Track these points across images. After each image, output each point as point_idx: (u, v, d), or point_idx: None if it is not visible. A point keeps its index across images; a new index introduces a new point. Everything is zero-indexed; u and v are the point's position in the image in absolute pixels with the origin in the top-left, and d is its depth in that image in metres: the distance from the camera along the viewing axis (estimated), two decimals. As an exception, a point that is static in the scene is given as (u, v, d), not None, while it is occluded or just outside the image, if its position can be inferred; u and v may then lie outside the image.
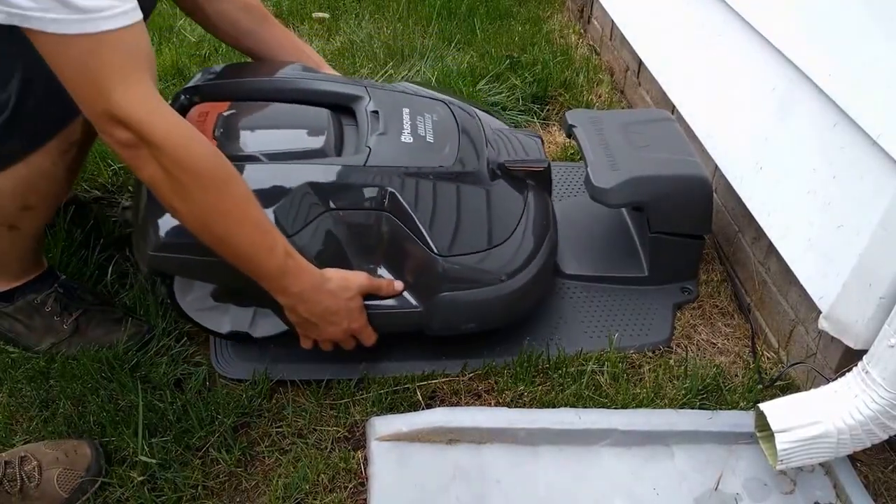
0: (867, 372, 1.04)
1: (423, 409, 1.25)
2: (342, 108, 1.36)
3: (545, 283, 1.39)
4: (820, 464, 1.17)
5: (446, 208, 1.25)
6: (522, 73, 2.28)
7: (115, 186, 1.76)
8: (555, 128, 2.14)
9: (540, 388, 1.30)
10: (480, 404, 1.29)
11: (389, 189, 1.21)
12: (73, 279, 1.40)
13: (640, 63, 2.10)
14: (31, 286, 1.30)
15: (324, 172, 1.19)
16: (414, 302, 1.25)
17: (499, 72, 2.27)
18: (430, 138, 1.30)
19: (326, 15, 2.71)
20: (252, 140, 1.23)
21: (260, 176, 1.16)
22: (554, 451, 1.19)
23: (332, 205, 1.19)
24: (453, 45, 2.48)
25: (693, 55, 1.76)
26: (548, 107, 2.21)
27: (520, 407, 1.27)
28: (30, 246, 1.28)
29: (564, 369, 1.32)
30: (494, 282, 1.26)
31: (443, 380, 1.31)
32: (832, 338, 1.20)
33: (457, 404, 1.28)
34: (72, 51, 0.89)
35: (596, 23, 2.57)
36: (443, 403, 1.28)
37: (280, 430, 1.22)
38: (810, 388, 1.24)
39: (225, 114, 1.25)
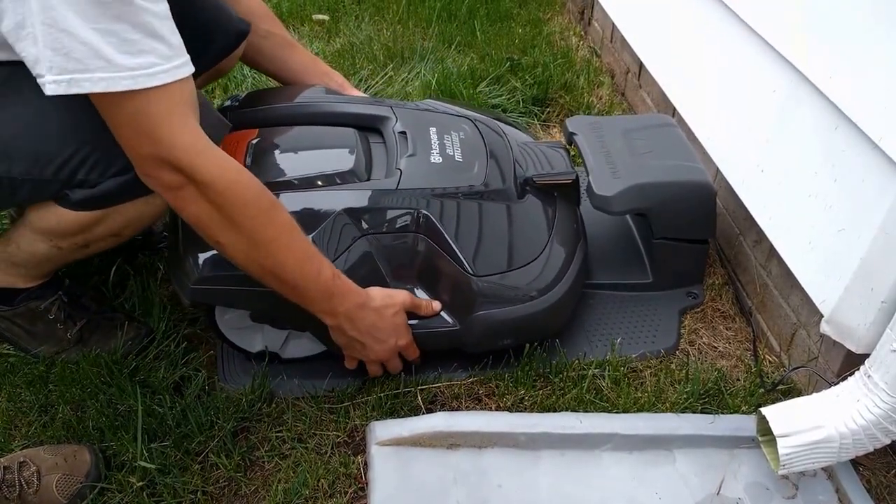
0: (869, 376, 1.04)
1: (423, 413, 1.25)
2: (369, 128, 1.38)
3: (578, 295, 1.40)
4: (822, 468, 1.17)
5: (478, 227, 1.27)
6: (523, 75, 2.27)
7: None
8: (555, 130, 2.13)
9: (541, 392, 1.29)
10: (481, 408, 1.29)
11: (423, 211, 1.22)
12: (77, 282, 1.39)
13: (641, 65, 2.10)
14: (35, 292, 1.29)
15: (358, 198, 1.21)
16: (450, 320, 1.26)
17: (499, 74, 2.26)
18: (458, 157, 1.32)
19: (326, 17, 2.71)
20: (284, 165, 1.25)
21: (296, 203, 1.18)
22: (555, 455, 1.19)
23: (367, 229, 1.21)
24: (453, 47, 2.48)
25: (694, 57, 1.76)
26: (548, 109, 2.21)
27: (520, 411, 1.27)
28: (75, 260, 1.27)
29: (565, 373, 1.31)
30: (529, 298, 1.27)
31: (443, 384, 1.31)
32: (834, 341, 1.20)
33: (457, 408, 1.28)
34: (121, 105, 0.94)
35: (596, 24, 2.57)
36: (443, 408, 1.28)
37: (280, 434, 1.22)
38: (812, 391, 1.24)
39: (254, 141, 1.28)
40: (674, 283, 1.52)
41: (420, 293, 1.27)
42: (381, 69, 2.31)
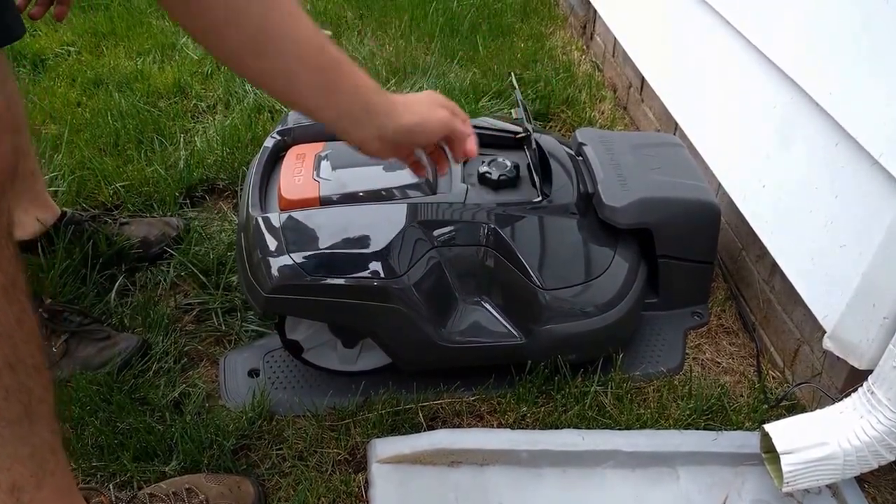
0: (872, 392, 1.03)
1: (424, 430, 1.24)
2: None
3: (640, 311, 1.41)
4: (827, 485, 1.16)
5: (546, 242, 1.28)
6: (525, 89, 2.28)
7: (114, 204, 1.76)
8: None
9: (543, 409, 1.28)
10: (483, 425, 1.28)
11: (491, 225, 1.24)
12: (70, 299, 1.39)
13: (643, 80, 2.10)
14: None
15: (427, 211, 1.23)
16: (516, 334, 1.27)
17: (501, 88, 2.27)
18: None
19: (329, 32, 2.72)
20: (352, 178, 1.27)
21: (366, 215, 1.20)
22: (557, 472, 1.18)
23: (437, 242, 1.22)
24: (456, 62, 2.49)
25: (695, 72, 1.76)
26: (550, 123, 2.21)
27: (522, 428, 1.26)
28: None
29: (567, 390, 1.31)
30: (595, 313, 1.28)
31: (445, 401, 1.30)
32: (837, 357, 1.19)
33: (459, 425, 1.27)
34: None
35: (598, 39, 2.58)
36: (445, 425, 1.27)
37: (280, 452, 1.21)
38: (816, 407, 1.23)
39: (322, 154, 1.31)
40: (679, 303, 1.52)
41: (488, 305, 1.28)
42: (383, 84, 2.31)
